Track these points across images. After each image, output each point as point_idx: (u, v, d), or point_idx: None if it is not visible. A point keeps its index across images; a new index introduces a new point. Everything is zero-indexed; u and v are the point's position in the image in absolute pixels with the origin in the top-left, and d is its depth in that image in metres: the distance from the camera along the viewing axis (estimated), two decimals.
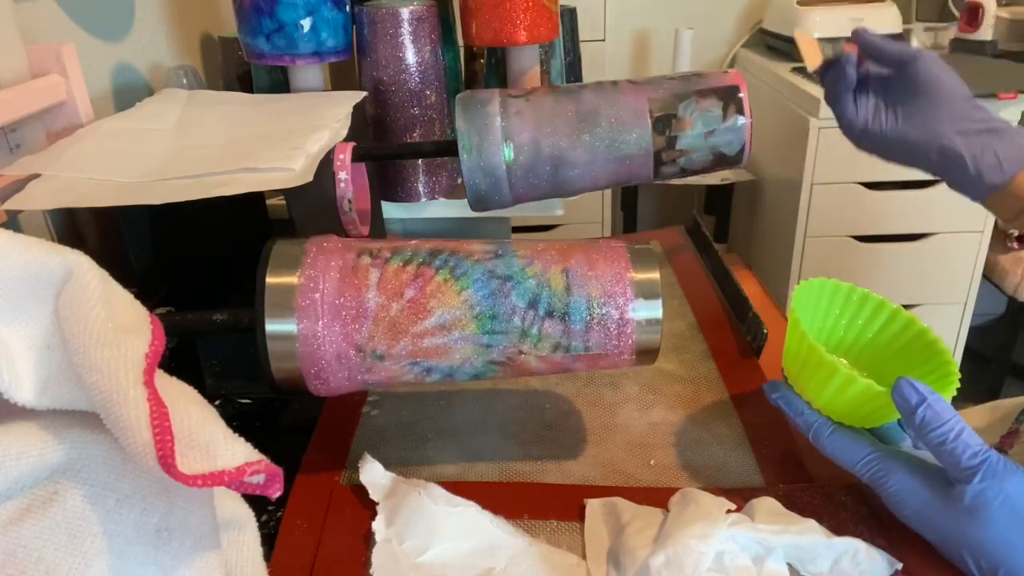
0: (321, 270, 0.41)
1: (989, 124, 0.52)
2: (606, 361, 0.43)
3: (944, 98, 0.53)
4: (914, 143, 0.54)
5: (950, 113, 0.52)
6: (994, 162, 0.51)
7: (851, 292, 0.51)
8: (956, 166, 0.53)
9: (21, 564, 0.27)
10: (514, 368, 0.43)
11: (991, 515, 0.38)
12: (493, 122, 0.54)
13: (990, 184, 0.51)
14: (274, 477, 0.29)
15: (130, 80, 0.74)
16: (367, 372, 0.42)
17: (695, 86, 0.55)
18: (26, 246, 0.29)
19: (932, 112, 0.53)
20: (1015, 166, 0.51)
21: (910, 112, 0.54)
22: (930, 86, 0.53)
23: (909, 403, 0.39)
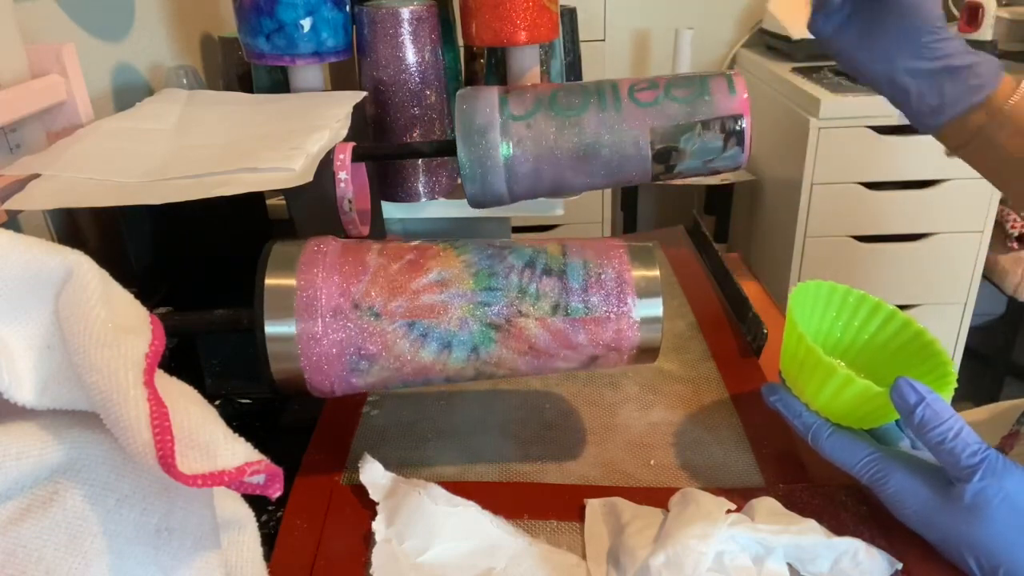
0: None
1: (944, 61, 0.51)
2: (608, 330, 0.42)
3: (909, 26, 0.52)
4: (869, 70, 0.54)
5: (908, 46, 0.52)
6: (936, 104, 0.51)
7: (847, 294, 0.51)
8: (901, 100, 0.53)
9: (21, 564, 0.27)
10: (514, 336, 0.42)
11: (991, 514, 0.38)
12: (495, 154, 0.54)
13: (925, 125, 0.53)
14: (274, 477, 0.29)
15: (130, 80, 0.74)
16: (364, 339, 0.41)
17: (699, 115, 0.54)
18: (26, 246, 0.29)
19: (892, 42, 0.52)
20: (954, 110, 0.51)
21: (872, 37, 0.53)
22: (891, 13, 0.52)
23: (908, 403, 0.39)
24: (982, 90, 0.51)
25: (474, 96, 0.56)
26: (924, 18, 0.51)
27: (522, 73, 0.71)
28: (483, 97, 0.56)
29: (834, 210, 1.45)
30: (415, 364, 0.42)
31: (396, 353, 0.42)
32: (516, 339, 0.42)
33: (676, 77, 0.56)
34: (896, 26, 0.52)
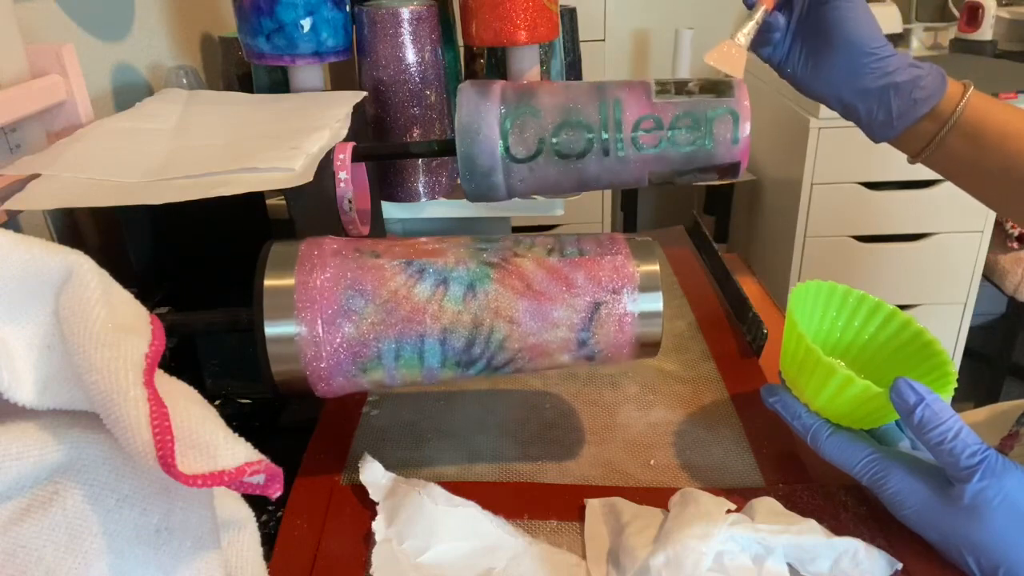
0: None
1: (888, 78, 0.53)
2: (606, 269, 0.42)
3: (849, 52, 0.54)
4: (817, 92, 0.57)
5: (851, 69, 0.54)
6: (886, 118, 0.54)
7: (847, 294, 0.51)
8: (853, 117, 0.56)
9: (21, 564, 0.27)
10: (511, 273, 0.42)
11: (991, 514, 0.38)
12: (497, 192, 0.56)
13: (880, 136, 0.55)
14: (274, 477, 0.29)
15: (130, 80, 0.74)
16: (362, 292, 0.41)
17: (698, 163, 0.55)
18: (26, 246, 0.29)
19: (837, 66, 0.54)
20: (904, 121, 0.53)
21: (819, 62, 0.55)
22: (839, 34, 0.54)
23: (907, 403, 0.39)
24: (929, 101, 0.53)
25: (476, 136, 0.54)
26: (863, 42, 0.53)
27: (522, 73, 0.71)
28: (484, 140, 0.54)
29: (834, 210, 1.45)
30: (411, 303, 0.41)
31: (392, 288, 0.41)
32: (513, 276, 0.42)
33: (682, 110, 0.54)
34: (838, 52, 0.54)
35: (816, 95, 0.57)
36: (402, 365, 0.42)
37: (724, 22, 1.81)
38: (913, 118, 0.53)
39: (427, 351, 0.42)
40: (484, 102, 0.54)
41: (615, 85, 0.55)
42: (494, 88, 0.55)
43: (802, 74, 0.57)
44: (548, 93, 0.55)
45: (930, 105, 0.53)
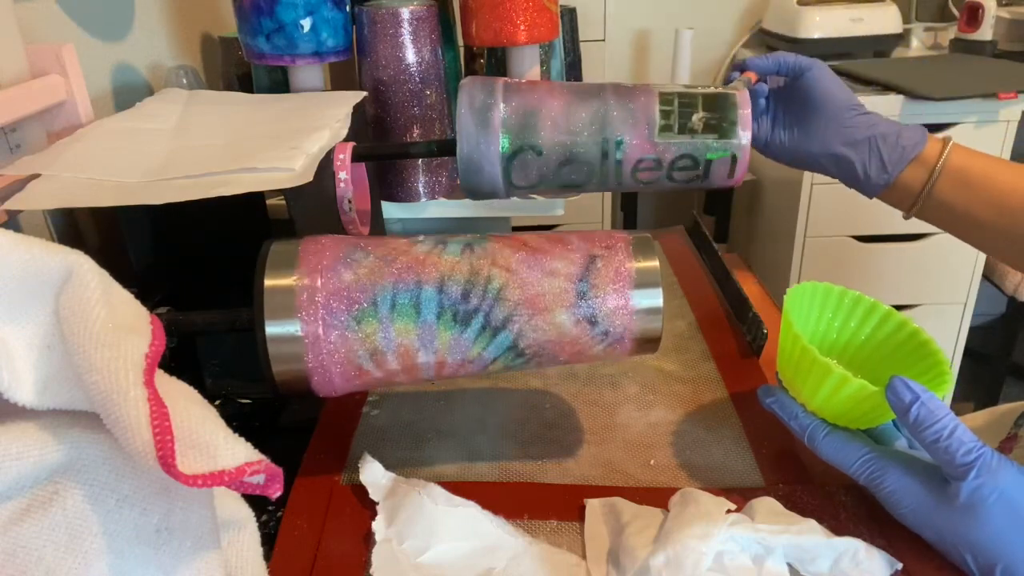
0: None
1: (873, 129, 0.57)
2: (600, 235, 0.43)
3: (832, 109, 0.58)
4: (809, 153, 0.59)
5: (837, 124, 0.58)
6: (879, 165, 0.56)
7: (843, 295, 0.51)
8: (848, 171, 0.58)
9: (21, 564, 0.27)
10: (507, 238, 0.43)
11: (987, 511, 0.38)
12: (497, 196, 0.57)
13: (877, 184, 0.57)
14: (274, 477, 0.29)
15: (130, 80, 0.74)
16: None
17: (693, 188, 0.57)
18: (26, 246, 0.29)
19: (822, 125, 0.58)
20: (897, 167, 0.56)
21: (804, 126, 0.59)
22: (819, 97, 0.58)
23: (903, 401, 0.39)
24: (915, 148, 0.56)
25: (479, 171, 0.55)
26: (843, 100, 0.58)
27: (522, 73, 0.71)
28: (487, 175, 0.55)
29: (834, 210, 1.45)
30: (409, 256, 0.41)
31: (392, 246, 0.42)
32: (510, 239, 0.43)
33: (683, 151, 0.54)
34: (822, 112, 0.58)
35: (810, 157, 0.59)
36: (398, 315, 0.40)
37: (724, 22, 1.81)
38: (904, 161, 0.56)
39: (424, 299, 0.41)
40: (485, 136, 0.53)
41: (618, 107, 0.54)
42: (494, 118, 0.54)
43: (791, 140, 0.60)
44: (551, 126, 0.54)
45: (916, 151, 0.56)
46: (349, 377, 0.42)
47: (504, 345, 0.42)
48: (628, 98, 0.54)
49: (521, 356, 0.43)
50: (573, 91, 0.55)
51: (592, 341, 0.42)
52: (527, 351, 0.42)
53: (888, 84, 1.35)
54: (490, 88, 0.54)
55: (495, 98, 0.54)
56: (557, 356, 0.43)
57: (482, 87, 0.55)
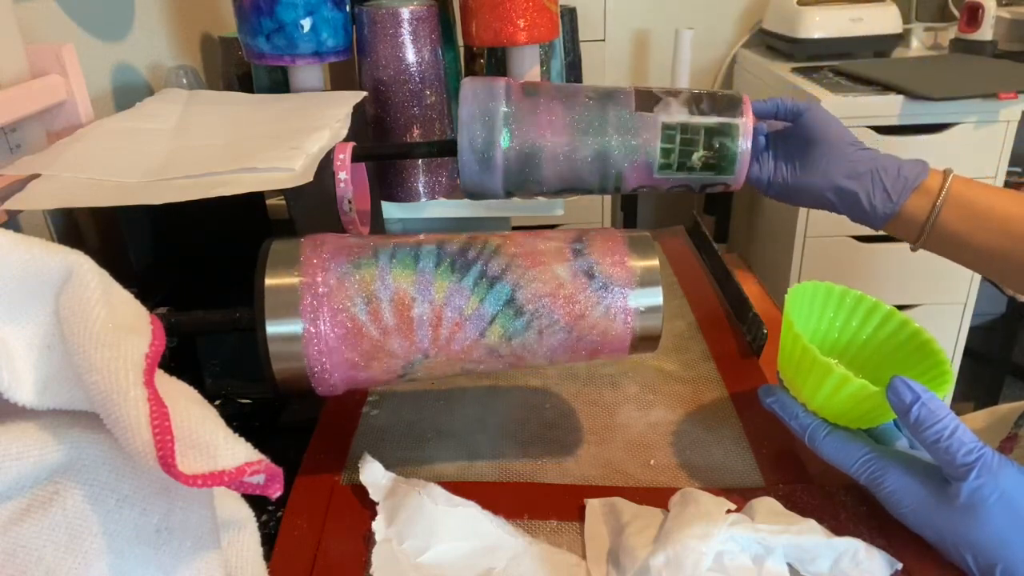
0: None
1: (874, 163, 0.58)
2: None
3: (832, 145, 0.59)
4: (812, 188, 0.60)
5: (839, 158, 0.58)
6: (883, 195, 0.57)
7: (844, 295, 0.51)
8: (852, 203, 0.58)
9: (21, 564, 0.27)
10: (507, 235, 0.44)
11: (987, 512, 0.38)
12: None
13: (883, 214, 0.57)
14: (274, 477, 0.29)
15: (130, 80, 0.74)
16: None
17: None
18: (26, 246, 0.29)
19: (824, 159, 0.59)
20: (902, 195, 0.57)
21: (805, 163, 0.60)
22: (818, 133, 0.59)
23: (904, 402, 0.39)
24: (917, 178, 0.57)
25: (482, 195, 0.57)
26: (843, 136, 0.59)
27: (522, 73, 0.71)
28: (491, 197, 0.57)
29: None
30: (411, 239, 0.42)
31: (394, 240, 0.43)
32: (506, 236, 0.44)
33: (680, 183, 0.57)
34: (823, 148, 0.59)
35: (813, 192, 0.60)
36: (396, 265, 0.41)
37: (724, 22, 1.81)
38: (908, 190, 0.56)
39: (423, 252, 0.42)
40: (488, 173, 0.55)
41: (620, 143, 0.55)
42: (496, 158, 0.54)
43: (794, 178, 0.60)
44: (552, 164, 0.55)
45: (918, 180, 0.56)
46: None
47: (502, 297, 0.42)
48: (630, 133, 0.55)
49: (520, 315, 0.42)
50: (575, 126, 0.55)
51: (591, 299, 0.42)
52: (526, 308, 0.42)
53: (888, 84, 1.35)
54: (490, 125, 0.54)
55: (495, 137, 0.54)
56: (556, 316, 0.42)
57: (482, 124, 0.54)
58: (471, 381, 0.58)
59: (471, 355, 0.42)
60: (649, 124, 0.55)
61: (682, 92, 0.56)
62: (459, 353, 0.42)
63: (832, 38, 1.57)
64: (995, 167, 1.38)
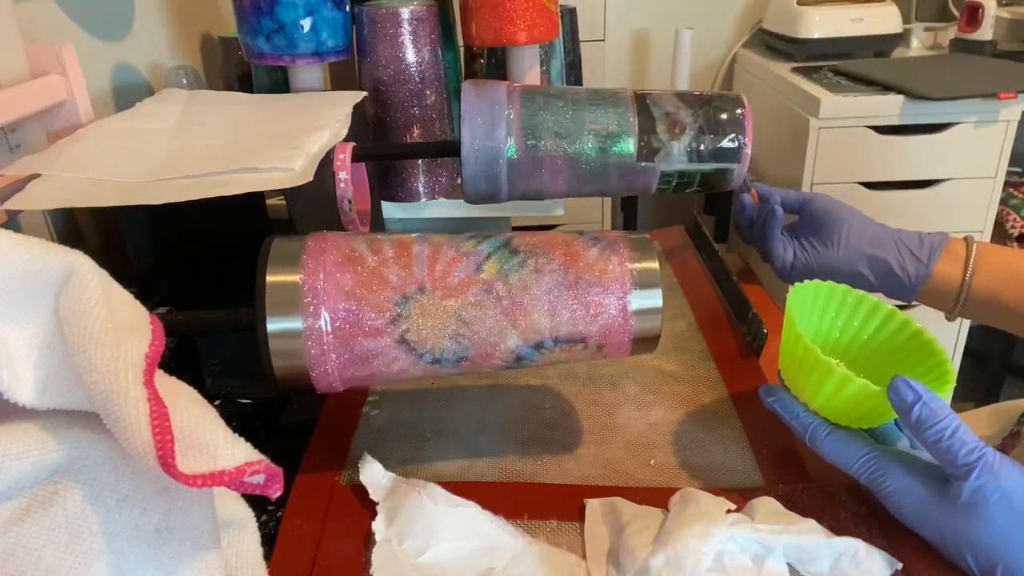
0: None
1: (895, 232, 0.59)
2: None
3: (849, 220, 0.60)
4: (840, 266, 0.61)
5: (859, 231, 0.60)
6: (913, 259, 0.58)
7: (846, 294, 0.51)
8: (884, 271, 0.59)
9: (21, 564, 0.27)
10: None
11: (989, 512, 0.38)
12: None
13: (916, 279, 0.58)
14: (274, 477, 0.29)
15: (130, 80, 0.74)
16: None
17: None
18: (26, 246, 0.29)
19: (845, 235, 0.60)
20: (931, 258, 0.57)
21: (827, 241, 0.61)
22: (832, 215, 0.60)
23: (905, 402, 0.39)
24: (942, 241, 0.58)
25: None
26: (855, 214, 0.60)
27: (522, 73, 0.71)
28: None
29: None
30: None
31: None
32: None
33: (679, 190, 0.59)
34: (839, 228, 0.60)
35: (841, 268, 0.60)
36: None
37: (724, 22, 1.81)
38: (936, 252, 0.57)
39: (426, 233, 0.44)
40: (491, 193, 0.58)
41: (620, 188, 0.59)
42: (500, 196, 0.58)
43: (817, 260, 0.61)
44: (553, 192, 0.59)
45: (943, 245, 0.57)
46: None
47: (500, 241, 0.43)
48: (631, 177, 0.58)
49: (516, 254, 0.43)
50: (578, 176, 0.58)
51: (585, 244, 0.44)
52: (521, 248, 0.43)
53: (888, 84, 1.35)
54: (494, 177, 0.57)
55: (499, 186, 0.57)
56: (552, 255, 0.43)
57: (485, 176, 0.56)
58: (471, 381, 0.58)
59: (467, 292, 0.42)
60: (648, 172, 0.58)
61: (685, 130, 0.58)
62: (455, 288, 0.42)
63: (832, 38, 1.56)
64: (995, 167, 1.38)
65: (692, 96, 0.58)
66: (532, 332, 0.42)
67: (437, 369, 0.43)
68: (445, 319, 0.41)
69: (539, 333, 0.42)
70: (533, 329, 0.42)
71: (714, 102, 0.58)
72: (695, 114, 0.57)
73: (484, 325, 0.42)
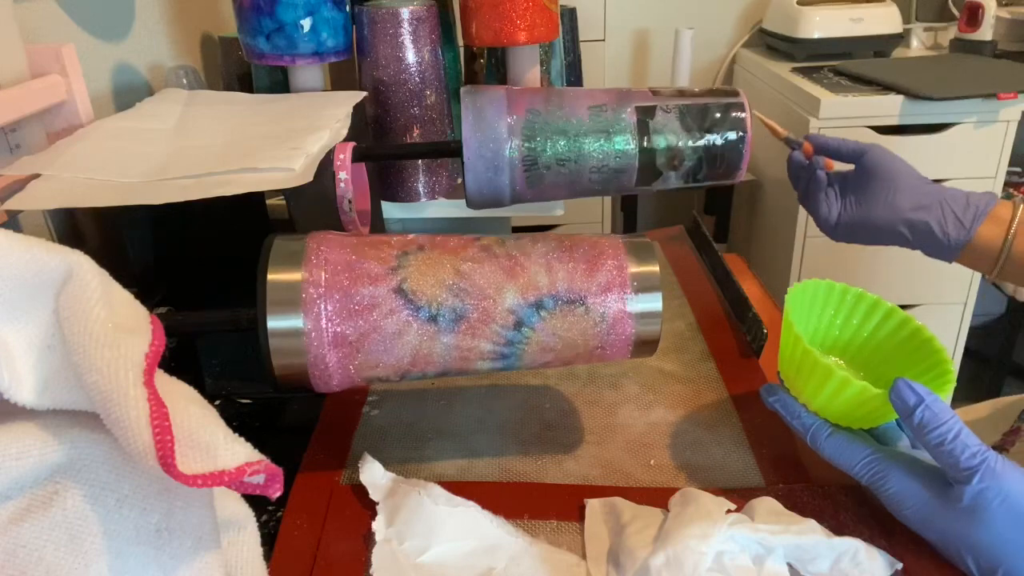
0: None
1: (941, 194, 0.58)
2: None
3: (897, 178, 0.59)
4: (882, 224, 0.60)
5: (906, 190, 0.59)
6: (956, 223, 0.57)
7: (845, 292, 0.51)
8: (924, 234, 0.58)
9: (21, 564, 0.27)
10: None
11: (990, 515, 0.38)
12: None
13: (957, 243, 0.57)
14: (274, 477, 0.29)
15: (130, 80, 0.74)
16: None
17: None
18: (26, 246, 0.29)
19: (891, 193, 0.59)
20: (974, 223, 0.57)
21: (872, 198, 0.60)
22: (883, 170, 0.59)
23: (907, 404, 0.39)
24: (988, 204, 0.57)
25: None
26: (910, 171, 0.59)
27: (522, 73, 0.71)
28: None
29: None
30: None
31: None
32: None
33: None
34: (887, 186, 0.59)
35: (883, 227, 0.60)
36: None
37: (724, 22, 1.81)
38: (981, 216, 0.56)
39: None
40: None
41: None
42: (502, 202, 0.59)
43: (862, 212, 0.61)
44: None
45: (988, 207, 0.57)
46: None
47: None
48: (629, 191, 0.60)
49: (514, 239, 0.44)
50: (580, 191, 0.60)
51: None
52: (519, 238, 0.44)
53: (888, 84, 1.35)
54: (496, 199, 0.58)
55: (502, 197, 0.59)
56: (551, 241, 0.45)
57: (489, 195, 0.58)
58: (471, 381, 0.58)
59: (466, 251, 0.43)
60: (647, 190, 0.60)
61: (684, 162, 0.58)
62: (454, 249, 0.43)
63: (832, 38, 1.57)
64: (995, 167, 1.38)
65: (696, 114, 0.58)
66: (531, 288, 0.42)
67: (434, 333, 0.42)
68: (443, 271, 0.42)
69: (538, 289, 0.42)
70: (532, 285, 0.42)
71: (716, 130, 0.58)
72: (695, 149, 0.58)
73: (482, 276, 0.42)
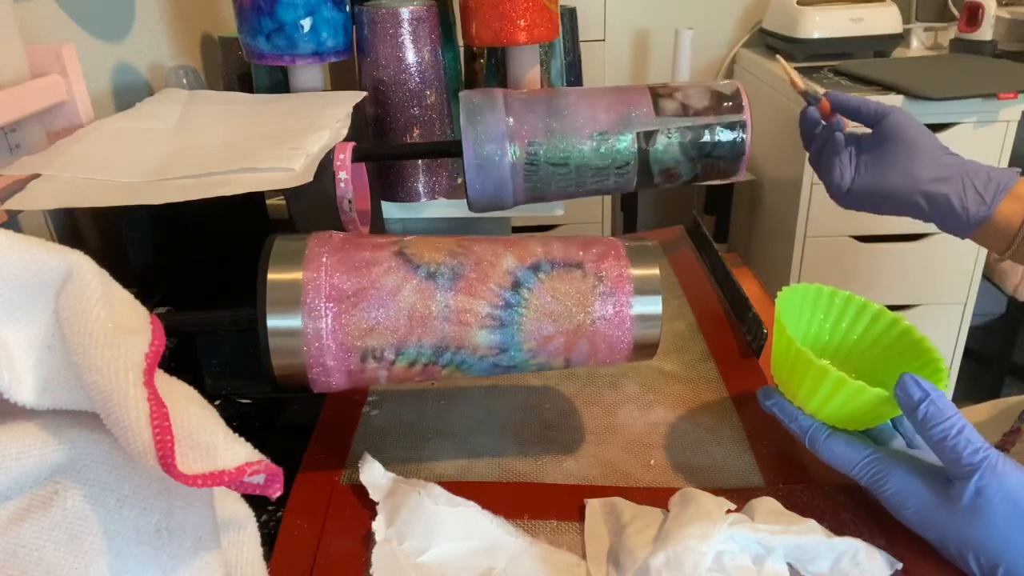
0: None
1: (962, 167, 0.56)
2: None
3: (918, 146, 0.56)
4: (898, 193, 0.57)
5: (926, 160, 0.56)
6: (976, 197, 0.55)
7: (833, 295, 0.51)
8: (942, 206, 0.56)
9: (21, 564, 0.27)
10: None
11: (991, 513, 0.38)
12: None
13: (975, 218, 0.55)
14: (274, 477, 0.29)
15: (130, 80, 0.74)
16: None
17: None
18: (26, 246, 0.29)
19: (910, 161, 0.56)
20: (995, 198, 0.54)
21: (889, 165, 0.57)
22: (903, 137, 0.57)
23: (912, 399, 0.39)
24: (1010, 180, 0.54)
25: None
26: (931, 140, 0.56)
27: (522, 73, 0.71)
28: None
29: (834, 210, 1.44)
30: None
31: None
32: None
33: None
34: (907, 154, 0.56)
35: (899, 196, 0.57)
36: None
37: (724, 22, 1.81)
38: (1002, 192, 0.54)
39: None
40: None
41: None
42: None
43: (877, 179, 0.58)
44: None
45: (1011, 184, 0.54)
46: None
47: None
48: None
49: None
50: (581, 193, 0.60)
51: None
52: None
53: (888, 84, 1.35)
54: (497, 203, 0.59)
55: (503, 200, 0.59)
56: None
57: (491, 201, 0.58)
58: (471, 382, 0.58)
59: (466, 238, 0.44)
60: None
61: (680, 178, 0.59)
62: (455, 238, 0.44)
63: (832, 38, 1.56)
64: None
65: (696, 139, 0.58)
66: (527, 254, 0.44)
67: (432, 291, 0.41)
68: (442, 245, 0.44)
69: (534, 255, 0.43)
70: (528, 252, 0.44)
71: (717, 151, 0.58)
72: (693, 168, 0.59)
73: (480, 246, 0.44)
